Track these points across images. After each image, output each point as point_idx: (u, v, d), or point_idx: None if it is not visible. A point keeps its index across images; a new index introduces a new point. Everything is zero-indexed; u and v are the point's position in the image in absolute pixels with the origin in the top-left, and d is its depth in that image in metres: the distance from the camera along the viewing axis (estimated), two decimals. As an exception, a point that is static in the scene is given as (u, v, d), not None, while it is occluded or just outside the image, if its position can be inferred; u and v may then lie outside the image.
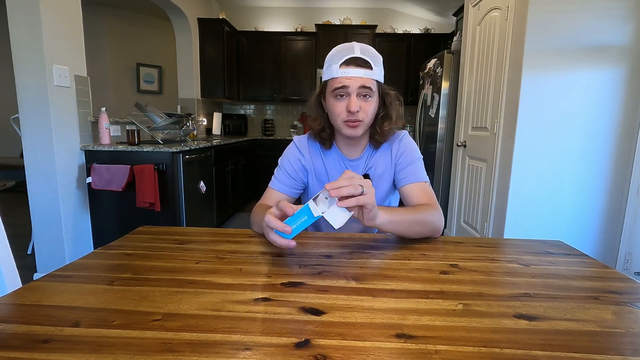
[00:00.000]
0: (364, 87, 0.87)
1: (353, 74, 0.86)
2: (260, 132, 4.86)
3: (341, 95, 0.89)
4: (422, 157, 1.00)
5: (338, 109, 0.90)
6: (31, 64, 1.86)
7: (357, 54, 0.87)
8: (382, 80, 0.92)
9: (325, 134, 1.00)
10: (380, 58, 0.91)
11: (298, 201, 1.09)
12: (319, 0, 4.60)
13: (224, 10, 4.55)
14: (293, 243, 0.64)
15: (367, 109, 0.90)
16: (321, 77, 0.95)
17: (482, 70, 2.39)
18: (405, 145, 1.01)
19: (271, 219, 0.64)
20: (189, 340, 0.43)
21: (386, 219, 0.72)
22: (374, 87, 0.90)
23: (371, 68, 0.87)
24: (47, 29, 1.86)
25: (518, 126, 1.93)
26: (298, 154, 1.04)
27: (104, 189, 2.07)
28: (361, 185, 0.63)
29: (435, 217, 0.83)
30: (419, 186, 0.94)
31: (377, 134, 0.97)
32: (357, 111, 0.88)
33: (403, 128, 1.04)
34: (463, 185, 2.67)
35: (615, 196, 1.98)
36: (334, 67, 0.88)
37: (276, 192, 1.01)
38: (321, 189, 1.03)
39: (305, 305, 0.52)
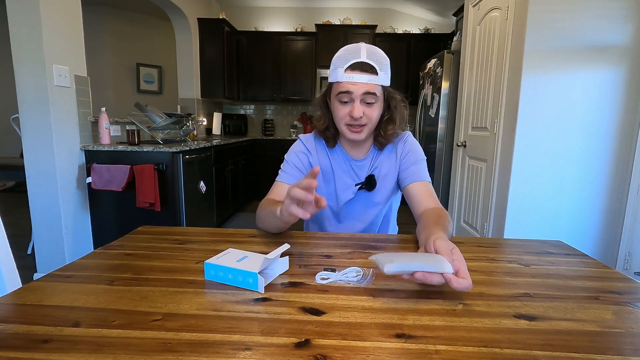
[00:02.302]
0: (368, 93, 0.86)
1: (357, 80, 0.85)
2: (260, 132, 4.86)
3: (345, 101, 0.89)
4: (425, 158, 1.01)
5: (341, 113, 0.90)
6: (31, 64, 1.86)
7: (363, 59, 0.85)
8: (388, 83, 0.91)
9: (330, 133, 1.00)
10: (387, 61, 0.90)
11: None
12: (319, 0, 4.60)
13: (224, 10, 4.55)
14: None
15: (371, 114, 0.89)
16: (321, 77, 0.95)
17: (482, 70, 2.39)
18: (410, 146, 1.01)
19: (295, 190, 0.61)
20: (189, 340, 0.43)
21: None
22: (379, 93, 0.88)
23: (377, 73, 0.86)
24: (47, 29, 1.86)
25: (518, 126, 1.93)
26: (305, 150, 1.04)
27: (104, 189, 2.07)
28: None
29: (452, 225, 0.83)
30: (423, 186, 0.94)
31: (381, 137, 0.97)
32: (361, 117, 0.88)
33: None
34: (463, 185, 2.67)
35: (615, 196, 1.98)
36: (339, 70, 0.87)
37: (285, 185, 0.98)
38: (326, 189, 1.04)
39: (305, 305, 0.52)
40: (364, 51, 0.87)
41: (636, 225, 1.93)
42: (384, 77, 0.88)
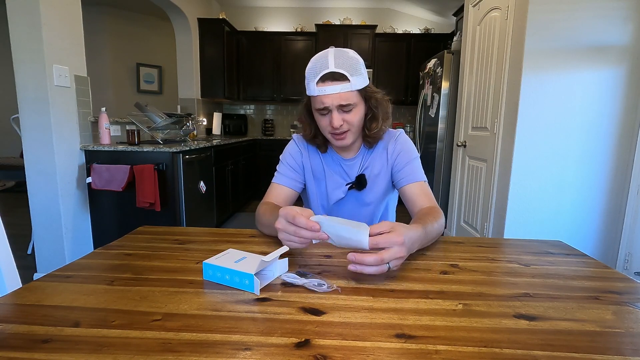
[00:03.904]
0: (342, 104, 0.86)
1: (330, 91, 0.85)
2: (260, 132, 4.86)
3: (324, 113, 0.89)
4: (419, 155, 1.00)
5: (323, 123, 0.91)
6: (31, 64, 1.86)
7: (332, 69, 0.84)
8: (364, 84, 0.89)
9: (319, 140, 1.00)
10: (359, 63, 0.87)
11: (299, 200, 1.09)
12: (319, 0, 4.60)
13: (224, 10, 4.55)
14: (324, 236, 0.61)
15: (351, 119, 0.89)
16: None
17: (482, 70, 2.39)
18: (402, 145, 1.00)
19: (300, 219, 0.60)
20: (189, 340, 0.43)
21: (420, 247, 0.70)
22: (355, 99, 0.87)
23: (348, 80, 0.85)
24: (47, 29, 1.86)
25: (518, 126, 1.93)
26: (298, 150, 1.05)
27: (104, 189, 2.07)
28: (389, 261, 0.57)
29: (442, 222, 0.83)
30: (419, 186, 0.94)
31: (368, 136, 0.97)
32: (341, 125, 0.88)
33: (402, 127, 1.04)
34: (463, 185, 2.67)
35: (615, 196, 1.98)
36: (312, 84, 0.87)
37: (281, 186, 1.00)
38: (317, 188, 1.04)
39: (305, 305, 0.52)
40: (331, 59, 0.85)
41: (636, 225, 1.93)
42: (358, 80, 0.86)
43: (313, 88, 0.87)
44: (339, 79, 0.84)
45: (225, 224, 3.40)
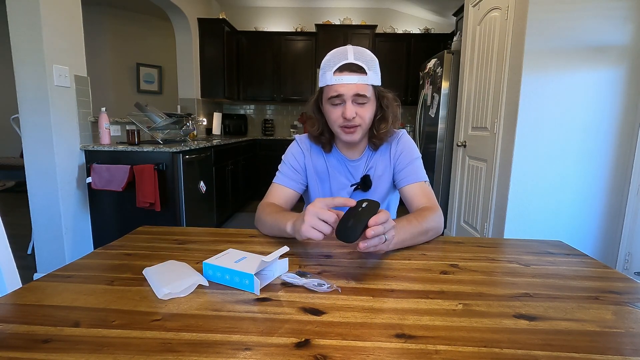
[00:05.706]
0: (358, 94, 0.87)
1: (347, 81, 0.86)
2: (260, 132, 4.86)
3: (337, 103, 0.89)
4: (420, 156, 1.00)
5: (334, 116, 0.91)
6: (31, 64, 1.86)
7: (351, 60, 0.86)
8: (378, 83, 0.91)
9: (325, 138, 1.00)
10: (375, 61, 0.90)
11: (301, 200, 1.09)
12: (319, 0, 4.60)
13: (224, 10, 4.55)
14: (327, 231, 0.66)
15: (364, 114, 0.90)
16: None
17: (482, 70, 2.39)
18: (404, 145, 1.00)
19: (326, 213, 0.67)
20: (189, 340, 0.43)
21: (398, 242, 0.73)
22: (369, 93, 0.89)
23: (365, 73, 0.86)
24: (47, 29, 1.86)
25: (518, 126, 1.93)
26: (300, 151, 1.04)
27: (104, 189, 2.07)
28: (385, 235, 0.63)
29: (436, 221, 0.83)
30: (419, 186, 0.94)
31: (375, 137, 0.97)
32: (353, 117, 0.88)
33: (402, 127, 1.04)
34: (463, 185, 2.67)
35: (615, 196, 1.98)
36: (328, 74, 0.87)
37: (282, 187, 1.00)
38: (321, 189, 1.04)
39: (305, 305, 0.52)
40: (351, 52, 0.87)
41: (636, 225, 1.93)
42: (374, 76, 0.89)
43: (329, 77, 0.87)
44: (356, 71, 0.86)
45: (225, 224, 3.40)
